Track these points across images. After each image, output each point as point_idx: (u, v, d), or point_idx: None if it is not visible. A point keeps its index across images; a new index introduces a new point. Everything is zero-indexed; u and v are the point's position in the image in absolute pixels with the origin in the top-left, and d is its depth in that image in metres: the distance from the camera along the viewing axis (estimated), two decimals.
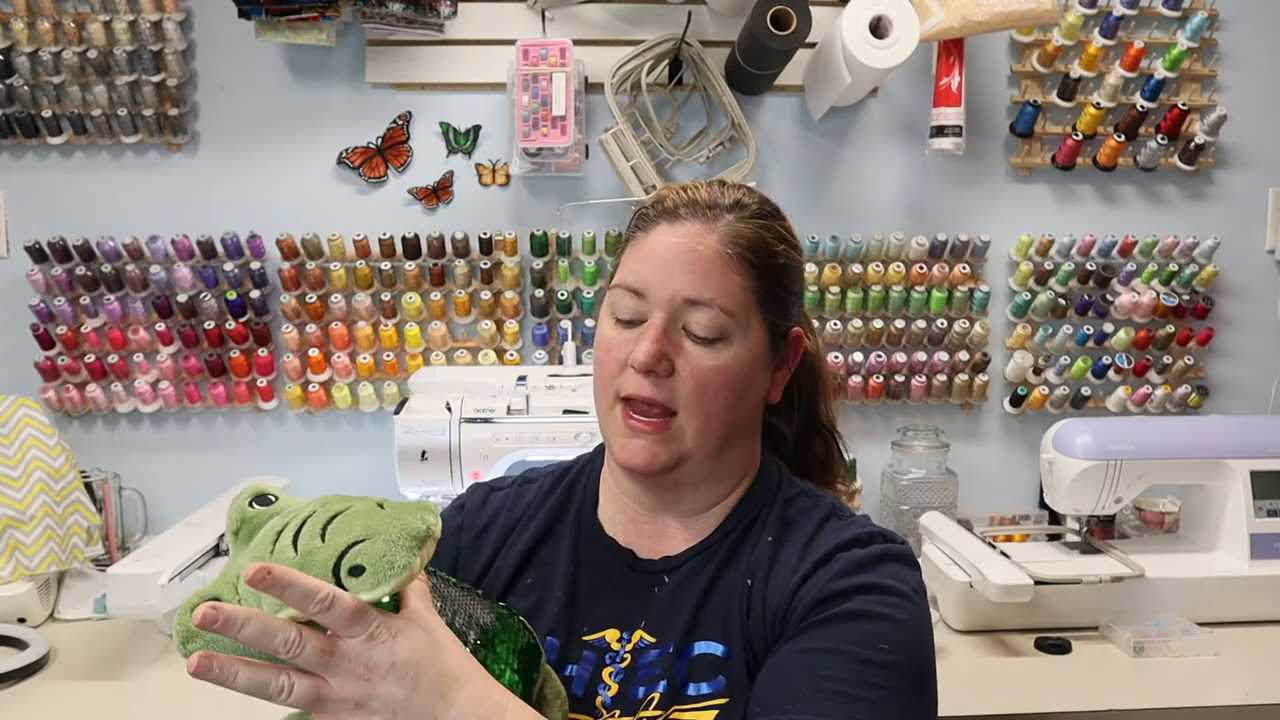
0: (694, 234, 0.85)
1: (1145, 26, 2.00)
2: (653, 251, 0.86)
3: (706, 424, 0.85)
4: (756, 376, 0.88)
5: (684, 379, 0.84)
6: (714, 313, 0.83)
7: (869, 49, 1.70)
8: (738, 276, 0.85)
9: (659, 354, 0.83)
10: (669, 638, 0.85)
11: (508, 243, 1.94)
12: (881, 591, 0.80)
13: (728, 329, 0.84)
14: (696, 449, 0.86)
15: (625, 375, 0.85)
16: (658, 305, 0.84)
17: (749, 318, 0.85)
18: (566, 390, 1.72)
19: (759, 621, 0.83)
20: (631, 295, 0.85)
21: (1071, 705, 1.34)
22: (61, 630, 1.58)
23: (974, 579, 1.50)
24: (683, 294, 0.84)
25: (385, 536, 0.66)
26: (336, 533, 0.67)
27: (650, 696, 0.83)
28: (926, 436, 1.95)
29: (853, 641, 0.77)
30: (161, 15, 1.86)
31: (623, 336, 0.86)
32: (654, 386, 0.84)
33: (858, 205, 2.02)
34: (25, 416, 1.69)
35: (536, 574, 0.92)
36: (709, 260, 0.84)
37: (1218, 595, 1.59)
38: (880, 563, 0.82)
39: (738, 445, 0.91)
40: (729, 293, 0.84)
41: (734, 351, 0.85)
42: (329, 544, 0.67)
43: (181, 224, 1.91)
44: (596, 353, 0.90)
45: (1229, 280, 2.07)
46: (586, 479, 0.98)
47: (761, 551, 0.87)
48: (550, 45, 1.79)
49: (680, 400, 0.84)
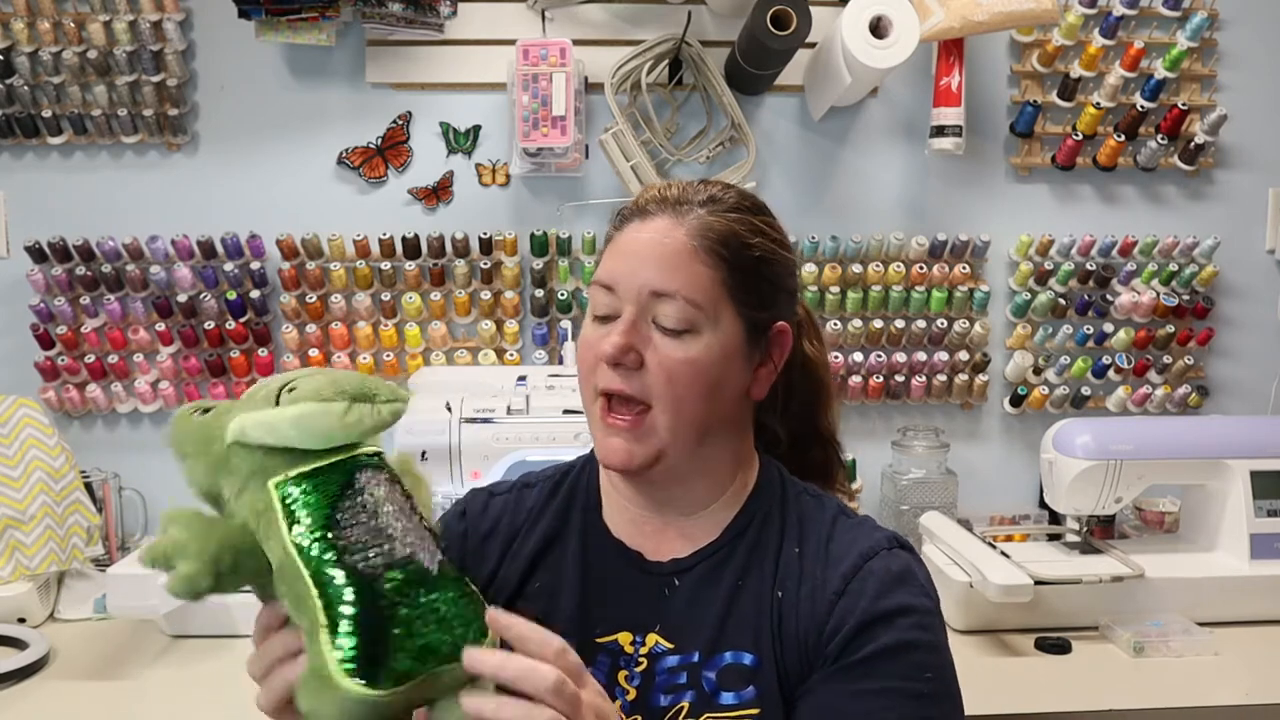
0: (662, 229, 0.86)
1: (1145, 26, 2.00)
2: (624, 248, 0.87)
3: (679, 417, 0.85)
4: (731, 370, 0.87)
5: (653, 371, 0.84)
6: (680, 304, 0.84)
7: (869, 49, 1.70)
8: (705, 269, 0.85)
9: (626, 346, 0.84)
10: (692, 646, 0.85)
11: (508, 243, 1.94)
12: (917, 613, 0.82)
13: (695, 321, 0.84)
14: (671, 443, 0.85)
15: (600, 370, 0.86)
16: (627, 299, 0.85)
17: (718, 310, 0.85)
18: (566, 390, 1.72)
19: (792, 634, 0.84)
20: (604, 291, 0.87)
21: (1071, 705, 1.34)
22: (61, 630, 1.58)
23: (974, 579, 1.50)
24: (650, 286, 0.84)
25: (332, 378, 0.70)
26: (304, 376, 0.72)
27: (679, 705, 0.83)
28: (926, 436, 1.95)
29: (902, 678, 0.80)
30: (161, 15, 1.86)
31: (599, 333, 0.87)
32: (624, 379, 0.85)
33: (858, 205, 2.02)
34: (25, 416, 1.69)
35: (544, 578, 0.92)
36: (675, 253, 0.85)
37: (1218, 595, 1.59)
38: (908, 577, 0.84)
39: (720, 440, 0.90)
40: (696, 284, 0.84)
41: (704, 344, 0.85)
42: (289, 379, 0.72)
43: (181, 224, 1.91)
44: (577, 352, 0.91)
45: (1229, 280, 2.07)
46: (587, 481, 0.97)
47: (789, 561, 0.87)
48: (550, 45, 1.79)
49: (653, 393, 0.84)
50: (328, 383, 0.70)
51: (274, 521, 0.68)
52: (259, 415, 0.69)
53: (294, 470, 0.69)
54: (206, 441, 0.72)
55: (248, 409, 0.71)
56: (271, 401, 0.70)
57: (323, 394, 0.69)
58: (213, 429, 0.72)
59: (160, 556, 0.68)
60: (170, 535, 0.69)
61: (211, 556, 0.68)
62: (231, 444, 0.71)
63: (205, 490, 0.73)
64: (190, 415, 0.75)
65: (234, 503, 0.71)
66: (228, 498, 0.71)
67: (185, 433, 0.74)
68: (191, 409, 0.75)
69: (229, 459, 0.71)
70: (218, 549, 0.68)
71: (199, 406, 0.75)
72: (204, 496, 0.74)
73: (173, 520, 0.70)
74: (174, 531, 0.69)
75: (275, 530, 0.68)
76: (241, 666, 0.74)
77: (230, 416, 0.72)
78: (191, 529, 0.69)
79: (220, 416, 0.73)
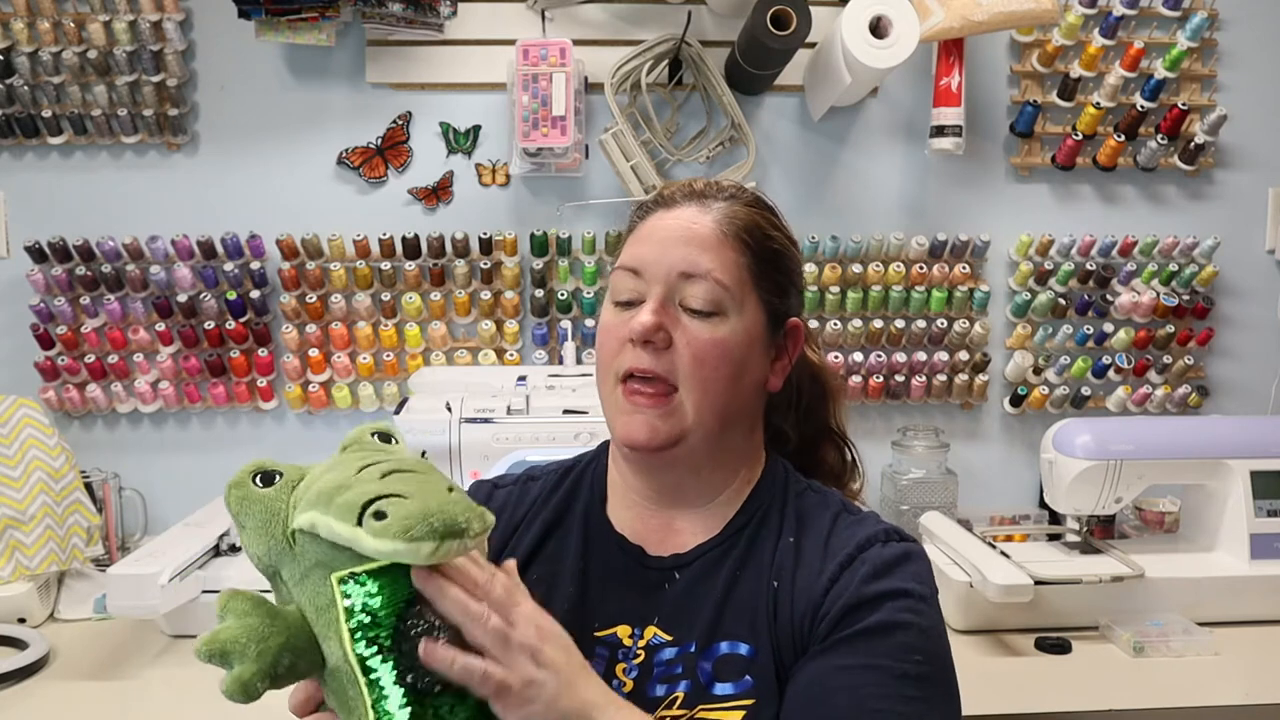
0: (690, 215, 0.89)
1: (1145, 26, 2.00)
2: (650, 234, 0.89)
3: (705, 399, 0.86)
4: (754, 357, 0.89)
5: (681, 351, 0.85)
6: (709, 285, 0.85)
7: (869, 49, 1.70)
8: (732, 253, 0.87)
9: (656, 324, 0.84)
10: (689, 636, 0.86)
11: (508, 243, 1.94)
12: (908, 597, 0.82)
13: (723, 302, 0.86)
14: (695, 425, 0.86)
15: (625, 352, 0.86)
16: (655, 281, 0.86)
17: (744, 294, 0.87)
18: (566, 390, 1.72)
19: (787, 623, 0.84)
20: (630, 275, 0.88)
21: (1071, 705, 1.34)
22: (61, 630, 1.58)
23: (974, 579, 1.50)
24: (678, 268, 0.86)
25: (423, 508, 0.65)
26: (392, 480, 0.67)
27: (673, 695, 0.83)
28: (926, 436, 1.95)
29: (888, 656, 0.79)
30: (161, 15, 1.86)
31: (621, 318, 0.87)
32: (653, 358, 0.85)
33: (858, 205, 2.02)
34: (25, 417, 1.69)
35: (543, 570, 0.92)
36: (704, 237, 0.87)
37: (1218, 595, 1.59)
38: (902, 564, 0.84)
39: (737, 430, 0.91)
40: (724, 266, 0.86)
41: (730, 326, 0.86)
42: (379, 483, 0.67)
43: (181, 224, 1.91)
44: (598, 339, 0.91)
45: (1229, 280, 2.07)
46: (592, 476, 0.98)
47: (785, 551, 0.87)
48: (550, 45, 1.79)
49: (679, 374, 0.85)
50: (419, 514, 0.64)
51: (335, 622, 0.66)
52: (337, 527, 0.65)
53: (360, 567, 0.66)
54: (269, 519, 0.69)
55: (322, 508, 0.66)
56: (353, 516, 0.65)
57: (412, 532, 0.63)
58: (276, 507, 0.69)
59: (218, 653, 0.65)
60: (230, 631, 0.66)
61: (271, 661, 0.65)
62: (297, 530, 0.68)
63: (263, 565, 0.71)
64: (250, 481, 0.71)
65: (293, 588, 0.69)
66: (287, 579, 0.69)
67: (246, 504, 0.70)
68: (250, 472, 0.71)
69: (293, 544, 0.68)
70: (277, 653, 0.66)
71: (258, 469, 0.72)
72: (261, 568, 0.71)
73: (231, 609, 0.67)
74: (233, 625, 0.66)
75: (335, 631, 0.66)
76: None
77: (296, 497, 0.68)
78: (250, 626, 0.66)
79: (285, 493, 0.69)
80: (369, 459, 0.70)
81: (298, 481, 0.71)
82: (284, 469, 0.72)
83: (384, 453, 0.73)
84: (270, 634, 0.66)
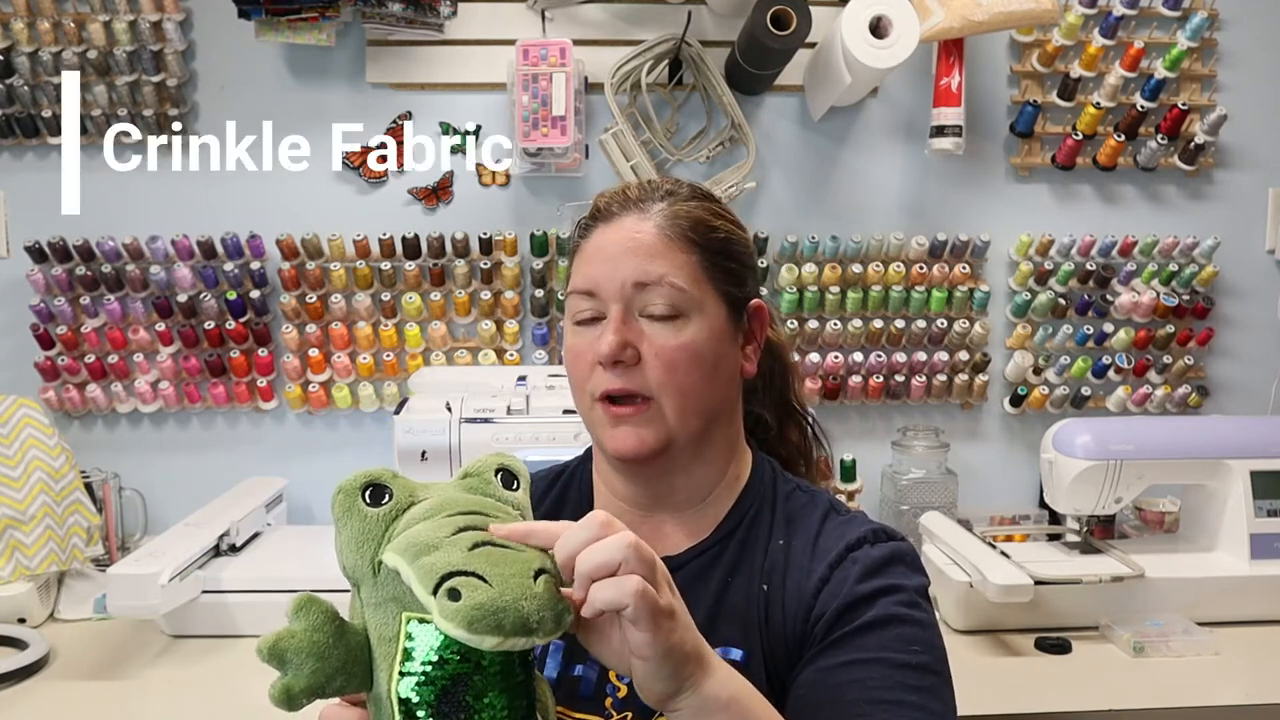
0: (631, 225, 0.88)
1: (1145, 26, 2.00)
2: (596, 251, 0.88)
3: (684, 402, 0.86)
4: (724, 349, 0.89)
5: (651, 363, 0.85)
6: (665, 289, 0.85)
7: (869, 49, 1.70)
8: (681, 254, 0.87)
9: (621, 343, 0.84)
10: None
11: (508, 243, 1.94)
12: (903, 591, 0.82)
13: (682, 304, 0.86)
14: (680, 429, 0.86)
15: (596, 374, 0.86)
16: (611, 298, 0.86)
17: (702, 292, 0.87)
18: (566, 390, 1.70)
19: (778, 626, 0.84)
20: (585, 298, 0.87)
21: (1071, 705, 1.34)
22: (61, 630, 1.58)
23: (974, 579, 1.50)
24: (631, 279, 0.85)
25: (497, 601, 0.62)
26: (479, 557, 0.64)
27: None
28: (926, 436, 1.95)
29: (890, 648, 0.79)
30: (161, 15, 1.86)
31: (586, 339, 0.87)
32: (624, 378, 0.85)
33: (858, 205, 2.02)
34: (25, 416, 1.69)
35: None
36: (650, 244, 0.86)
37: (1218, 595, 1.59)
38: (893, 562, 0.84)
39: (721, 424, 0.91)
40: (676, 269, 0.86)
41: (694, 326, 0.86)
42: (464, 554, 0.64)
43: (181, 224, 1.91)
44: (566, 361, 0.91)
45: (1229, 280, 2.07)
46: (579, 482, 0.98)
47: (775, 554, 0.87)
48: (550, 45, 1.79)
49: (653, 385, 0.85)
50: (490, 608, 0.61)
51: (392, 656, 0.66)
52: (415, 587, 0.64)
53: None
54: (363, 540, 0.69)
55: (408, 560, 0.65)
56: (430, 584, 0.63)
57: (476, 625, 0.61)
58: (376, 531, 0.68)
59: (277, 657, 0.65)
60: (296, 640, 0.65)
61: (323, 681, 0.65)
62: (383, 562, 0.67)
63: (348, 574, 0.70)
64: (359, 494, 0.70)
65: (367, 609, 0.68)
66: (364, 598, 0.69)
67: (348, 515, 0.69)
68: (363, 484, 0.70)
69: (377, 571, 0.68)
70: (331, 675, 0.66)
71: (371, 482, 0.70)
72: (345, 575, 0.71)
73: (303, 616, 0.66)
74: (300, 635, 0.65)
75: (389, 666, 0.66)
76: (241, 665, 0.74)
77: (394, 531, 0.68)
78: (316, 643, 0.65)
79: (385, 523, 0.69)
80: (469, 521, 0.69)
81: (404, 509, 0.70)
82: (396, 487, 0.71)
83: (491, 509, 0.71)
84: (332, 655, 0.66)
